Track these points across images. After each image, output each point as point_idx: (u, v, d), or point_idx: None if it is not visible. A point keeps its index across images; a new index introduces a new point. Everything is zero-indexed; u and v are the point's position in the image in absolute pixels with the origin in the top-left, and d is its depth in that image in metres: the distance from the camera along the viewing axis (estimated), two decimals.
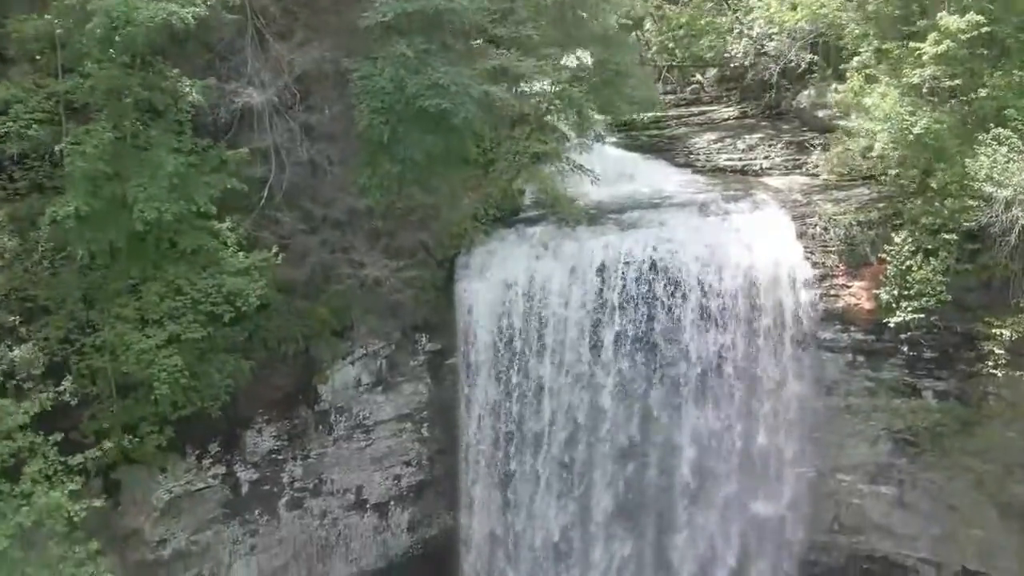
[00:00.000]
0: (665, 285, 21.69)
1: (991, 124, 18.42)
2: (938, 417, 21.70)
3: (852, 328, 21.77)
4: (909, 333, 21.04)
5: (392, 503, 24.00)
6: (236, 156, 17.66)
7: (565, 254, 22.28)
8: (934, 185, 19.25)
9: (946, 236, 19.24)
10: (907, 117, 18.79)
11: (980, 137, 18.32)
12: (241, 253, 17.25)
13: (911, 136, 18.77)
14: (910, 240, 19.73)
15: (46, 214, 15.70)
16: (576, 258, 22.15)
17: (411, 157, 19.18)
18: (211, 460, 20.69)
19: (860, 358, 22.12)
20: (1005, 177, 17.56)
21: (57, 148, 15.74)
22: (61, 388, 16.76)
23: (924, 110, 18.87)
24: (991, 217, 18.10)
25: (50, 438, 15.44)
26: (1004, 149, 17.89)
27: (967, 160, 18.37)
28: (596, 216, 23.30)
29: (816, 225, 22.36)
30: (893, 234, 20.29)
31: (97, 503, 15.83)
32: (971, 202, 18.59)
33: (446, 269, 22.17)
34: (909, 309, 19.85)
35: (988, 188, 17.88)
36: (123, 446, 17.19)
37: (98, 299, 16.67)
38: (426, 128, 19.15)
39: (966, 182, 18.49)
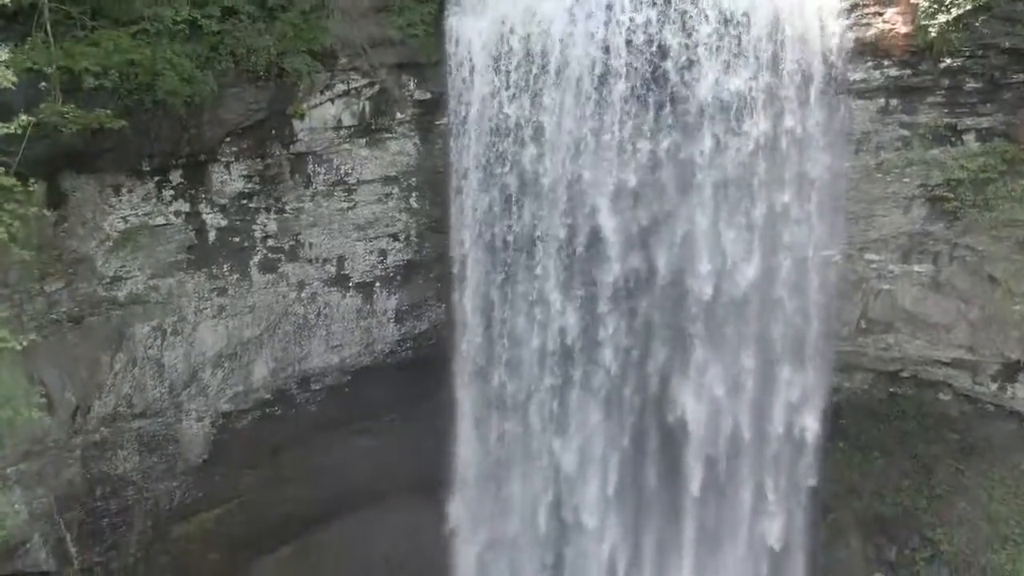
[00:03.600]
0: (678, 18, 19.54)
1: None
2: (981, 161, 19.66)
3: (886, 63, 19.61)
4: (949, 61, 18.96)
5: (377, 284, 21.82)
6: None
7: None
8: None
9: None
10: None
11: None
12: None
13: None
14: None
15: None
16: None
17: None
18: (172, 192, 18.52)
19: (894, 101, 20.01)
20: None
21: None
22: None
23: None
24: None
25: None
26: None
27: None
28: None
29: None
30: None
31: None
32: None
33: (436, 2, 20.03)
34: (953, 8, 17.77)
35: None
36: (62, 112, 14.98)
37: None
38: None
39: None
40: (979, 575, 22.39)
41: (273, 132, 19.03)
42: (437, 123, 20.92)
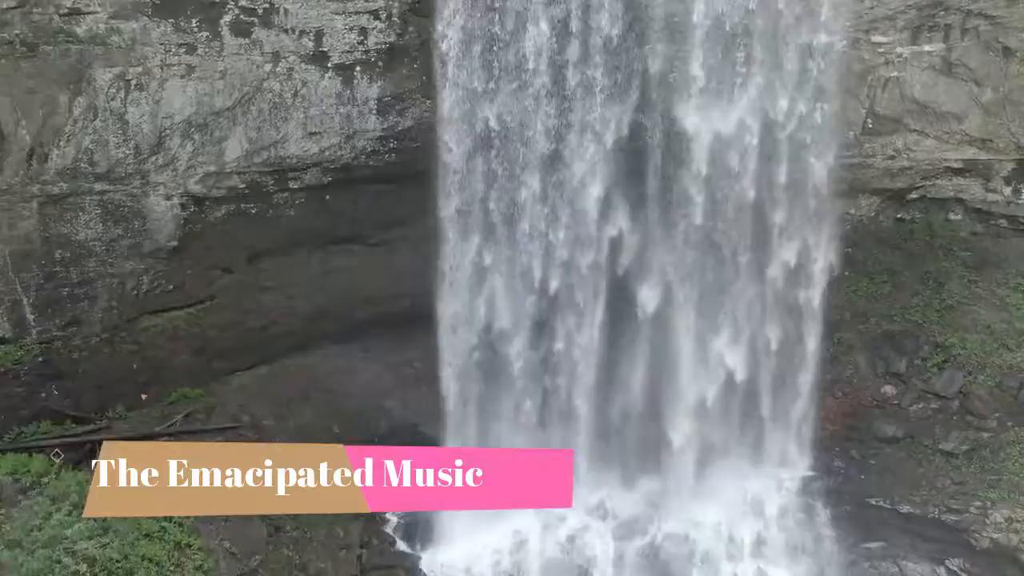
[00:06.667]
0: None
1: None
2: None
3: None
4: None
5: (358, 68, 20.57)
6: None
7: None
8: None
9: None
10: None
11: None
12: None
13: None
14: None
15: None
16: None
17: None
18: None
19: None
20: None
21: None
22: None
23: None
24: None
25: None
26: None
27: None
28: None
29: None
30: None
31: None
32: None
33: None
34: None
35: None
36: None
37: None
38: None
39: None
40: (995, 374, 21.21)
41: None
42: None
